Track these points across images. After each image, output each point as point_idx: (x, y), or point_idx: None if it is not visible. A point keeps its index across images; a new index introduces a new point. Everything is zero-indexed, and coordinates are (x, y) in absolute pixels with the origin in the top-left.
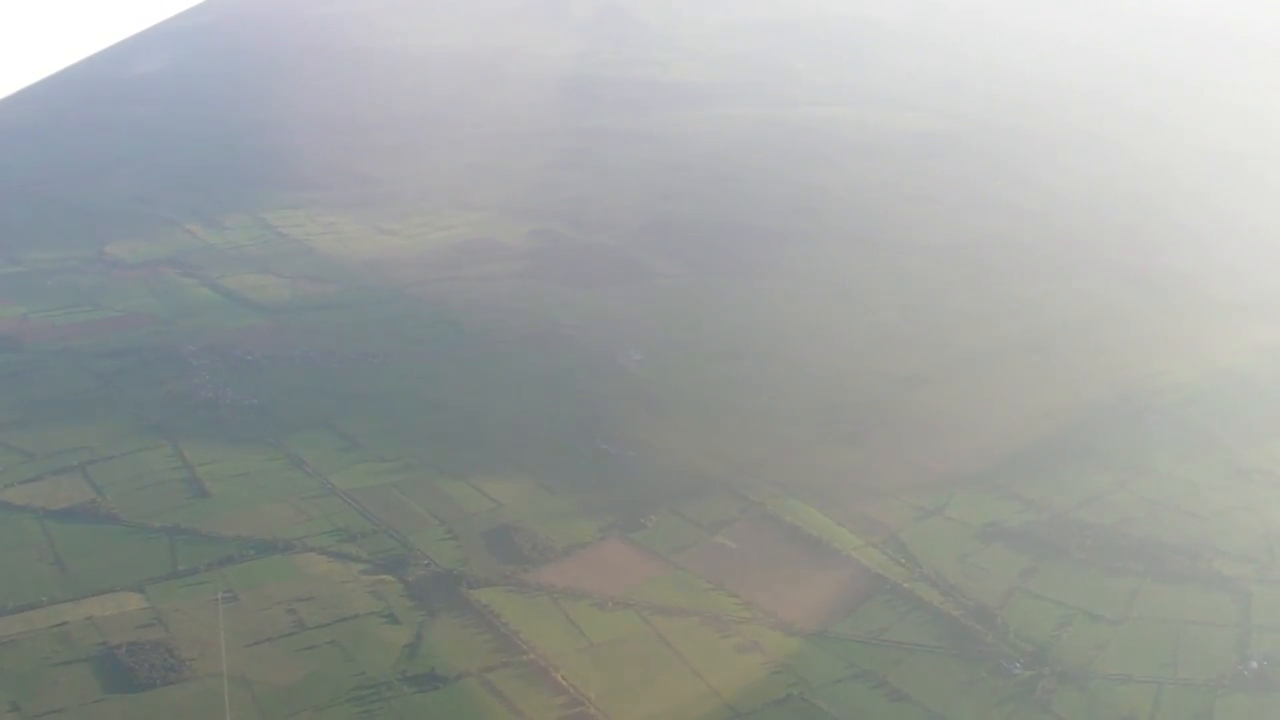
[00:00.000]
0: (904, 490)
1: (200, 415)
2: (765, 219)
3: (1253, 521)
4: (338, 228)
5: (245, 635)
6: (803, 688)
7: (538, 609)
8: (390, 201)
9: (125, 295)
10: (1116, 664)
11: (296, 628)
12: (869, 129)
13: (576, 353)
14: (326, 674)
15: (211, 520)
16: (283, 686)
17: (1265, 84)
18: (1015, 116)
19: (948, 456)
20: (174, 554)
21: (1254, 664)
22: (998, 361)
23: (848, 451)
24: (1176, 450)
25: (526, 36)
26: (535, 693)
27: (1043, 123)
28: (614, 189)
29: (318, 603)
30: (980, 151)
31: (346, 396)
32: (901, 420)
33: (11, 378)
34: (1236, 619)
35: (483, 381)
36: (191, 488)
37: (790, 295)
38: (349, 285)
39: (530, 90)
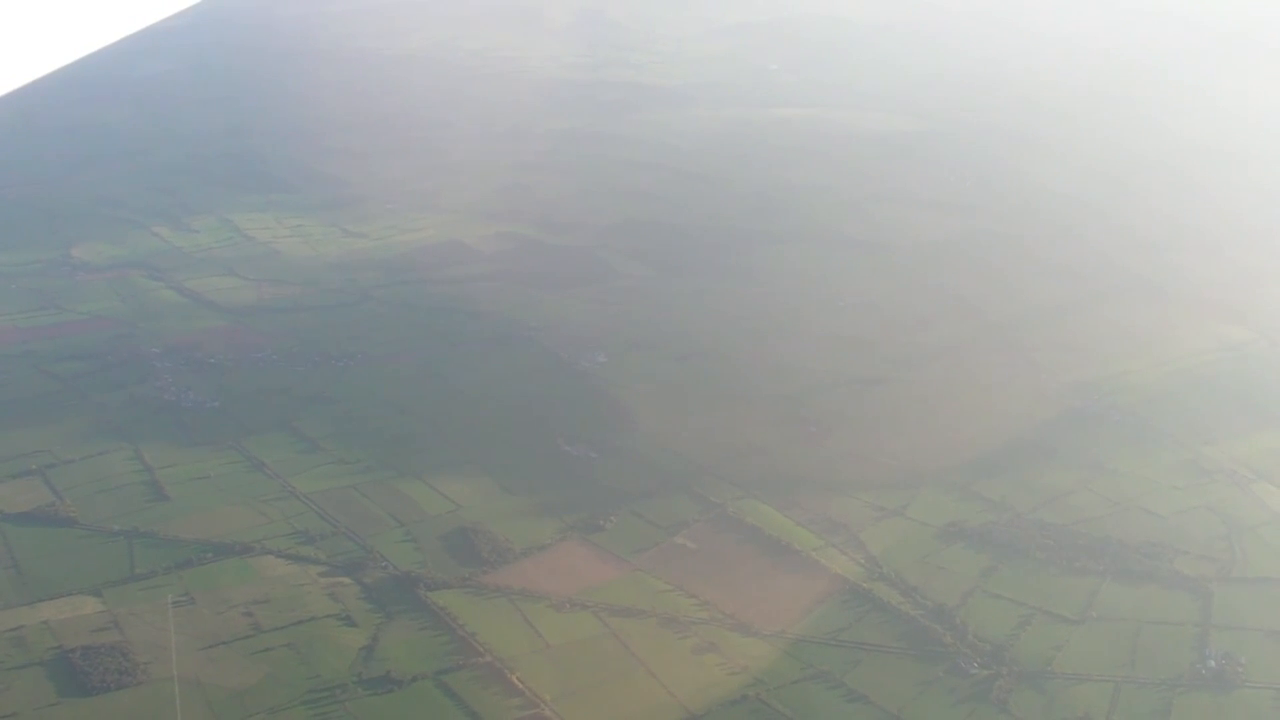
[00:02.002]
0: (865, 490)
1: (161, 418)
2: (733, 219)
3: (1214, 521)
4: (304, 230)
5: (201, 638)
6: (759, 689)
7: (495, 611)
8: (358, 203)
9: (90, 298)
10: (1075, 663)
11: (253, 630)
12: (840, 129)
13: (540, 354)
14: (281, 677)
15: (171, 523)
16: (237, 690)
17: (1250, 77)
18: (989, 115)
19: (910, 457)
20: (132, 557)
21: (1212, 663)
22: (962, 361)
23: (810, 452)
24: (1139, 450)
25: (502, 39)
26: (491, 695)
27: (1016, 120)
28: (583, 191)
29: (275, 605)
30: (953, 151)
31: (308, 399)
32: (864, 420)
33: None
34: (1196, 618)
35: (445, 384)
36: (151, 491)
37: (756, 296)
38: (314, 288)
39: (503, 92)
